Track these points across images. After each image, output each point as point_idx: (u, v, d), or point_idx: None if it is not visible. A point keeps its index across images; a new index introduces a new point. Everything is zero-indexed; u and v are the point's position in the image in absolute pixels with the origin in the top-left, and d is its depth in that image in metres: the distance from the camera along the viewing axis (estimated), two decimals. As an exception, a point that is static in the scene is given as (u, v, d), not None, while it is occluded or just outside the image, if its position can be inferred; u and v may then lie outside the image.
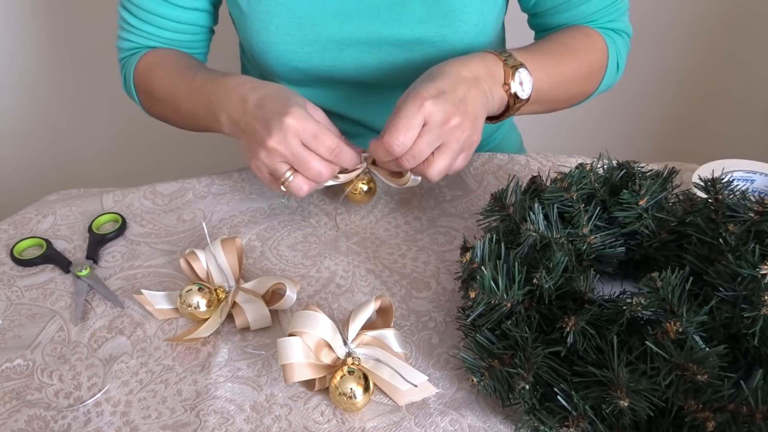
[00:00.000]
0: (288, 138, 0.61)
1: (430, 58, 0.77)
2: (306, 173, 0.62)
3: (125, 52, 0.83)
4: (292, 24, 0.75)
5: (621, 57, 0.81)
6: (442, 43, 0.76)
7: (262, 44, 0.77)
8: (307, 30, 0.75)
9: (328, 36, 0.76)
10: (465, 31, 0.76)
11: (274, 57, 0.77)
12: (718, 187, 0.56)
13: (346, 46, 0.77)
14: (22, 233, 0.70)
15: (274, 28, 0.75)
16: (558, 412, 0.46)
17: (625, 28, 0.81)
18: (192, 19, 0.80)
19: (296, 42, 0.76)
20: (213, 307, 0.58)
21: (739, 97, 1.58)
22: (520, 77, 0.67)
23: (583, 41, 0.77)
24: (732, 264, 0.48)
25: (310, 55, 0.77)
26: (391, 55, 0.77)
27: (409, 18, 0.75)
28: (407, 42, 0.76)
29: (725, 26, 1.49)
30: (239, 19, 0.78)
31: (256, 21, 0.75)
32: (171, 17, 0.79)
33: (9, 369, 0.55)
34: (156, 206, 0.74)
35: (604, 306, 0.49)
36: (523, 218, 0.57)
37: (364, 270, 0.65)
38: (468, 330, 0.55)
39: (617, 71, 0.81)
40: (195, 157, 1.52)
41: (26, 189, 1.51)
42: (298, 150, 0.61)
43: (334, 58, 0.77)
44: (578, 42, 0.77)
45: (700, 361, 0.43)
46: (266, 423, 0.50)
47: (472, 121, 0.63)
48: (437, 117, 0.60)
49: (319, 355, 0.51)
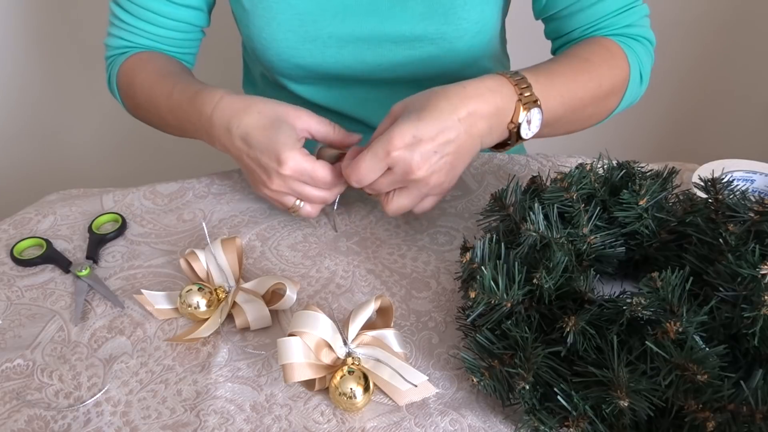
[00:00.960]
0: (288, 182, 0.63)
1: (430, 56, 0.77)
2: (312, 201, 0.65)
3: (113, 50, 0.82)
4: (293, 21, 0.75)
5: (644, 67, 0.76)
6: (442, 41, 0.76)
7: (263, 41, 0.77)
8: (309, 27, 0.75)
9: (329, 33, 0.76)
10: (465, 29, 0.76)
11: (275, 54, 0.78)
12: (718, 187, 0.56)
13: (346, 43, 0.77)
14: (22, 233, 0.70)
15: (276, 24, 0.75)
16: (558, 412, 0.46)
17: (646, 35, 0.77)
18: (187, 17, 0.80)
19: (297, 39, 0.76)
20: (213, 307, 0.58)
21: (739, 97, 1.58)
22: (531, 116, 0.63)
23: (603, 55, 0.72)
24: (732, 264, 0.48)
25: (311, 52, 0.77)
26: (391, 53, 0.77)
27: (410, 15, 0.75)
28: (408, 39, 0.76)
29: (725, 26, 1.49)
30: (241, 16, 0.78)
31: (258, 18, 0.76)
32: (166, 14, 0.78)
33: (9, 369, 0.55)
34: (156, 206, 0.74)
35: (604, 306, 0.49)
36: (523, 218, 0.57)
37: (364, 270, 0.65)
38: (468, 330, 0.55)
39: (641, 83, 0.76)
40: (195, 157, 1.52)
41: (26, 189, 1.51)
42: (300, 187, 0.63)
43: (334, 55, 0.78)
44: (598, 56, 0.72)
45: (700, 361, 0.43)
46: (266, 423, 0.50)
47: (447, 170, 0.60)
48: (402, 167, 0.58)
49: (319, 355, 0.51)
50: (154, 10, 0.78)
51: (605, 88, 0.71)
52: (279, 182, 0.63)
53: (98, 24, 1.37)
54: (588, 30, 0.76)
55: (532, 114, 0.63)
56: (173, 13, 0.79)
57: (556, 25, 0.78)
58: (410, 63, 0.78)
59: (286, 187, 0.63)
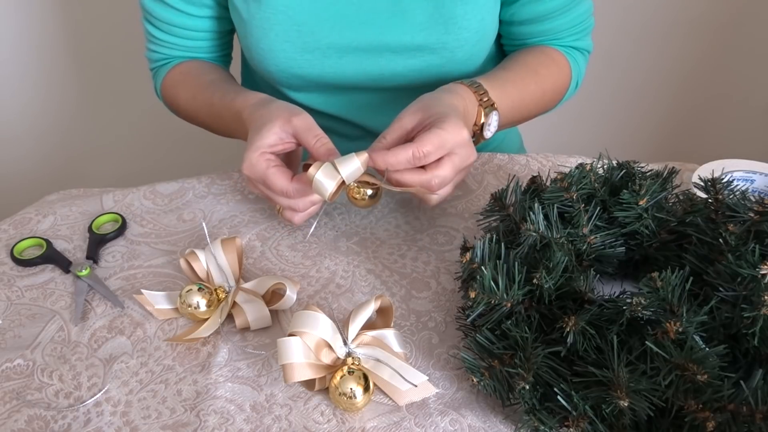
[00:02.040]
0: (251, 183, 0.65)
1: (430, 65, 0.77)
2: (288, 207, 0.64)
3: (154, 63, 0.87)
4: (291, 31, 0.75)
5: (580, 75, 0.86)
6: (443, 50, 0.76)
7: (262, 51, 0.77)
8: (307, 37, 0.75)
9: (328, 43, 0.76)
10: (466, 38, 0.76)
11: (273, 64, 0.78)
12: (718, 187, 0.56)
13: (346, 53, 0.77)
14: (22, 233, 0.70)
15: (274, 35, 0.75)
16: (558, 412, 0.46)
17: (588, 47, 0.86)
18: (208, 26, 0.83)
19: (296, 49, 0.76)
20: (213, 307, 0.58)
21: (740, 97, 1.58)
22: (490, 119, 0.70)
23: (550, 67, 0.81)
24: (732, 264, 0.48)
25: (310, 62, 0.77)
26: (391, 62, 0.77)
27: (410, 25, 0.75)
28: (408, 49, 0.76)
29: (725, 27, 1.49)
30: (240, 26, 0.78)
31: (256, 28, 0.75)
32: (190, 27, 0.82)
33: (9, 369, 0.55)
34: (156, 206, 0.74)
35: (604, 306, 0.49)
36: (523, 218, 0.57)
37: (364, 270, 0.65)
38: (468, 330, 0.55)
39: (575, 88, 0.87)
40: (195, 157, 1.52)
41: (26, 189, 1.51)
42: (264, 192, 0.65)
43: (334, 65, 0.77)
44: (545, 68, 0.80)
45: (700, 361, 0.43)
46: (266, 423, 0.50)
47: None
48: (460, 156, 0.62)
49: (319, 355, 0.51)
50: (178, 25, 0.81)
51: (548, 96, 0.82)
52: (246, 181, 0.64)
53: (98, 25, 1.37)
54: (543, 41, 0.83)
55: (492, 117, 0.70)
56: (196, 26, 0.82)
57: (515, 30, 0.83)
58: (411, 72, 0.78)
59: (253, 187, 0.65)
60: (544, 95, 0.81)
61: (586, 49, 0.86)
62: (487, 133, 0.71)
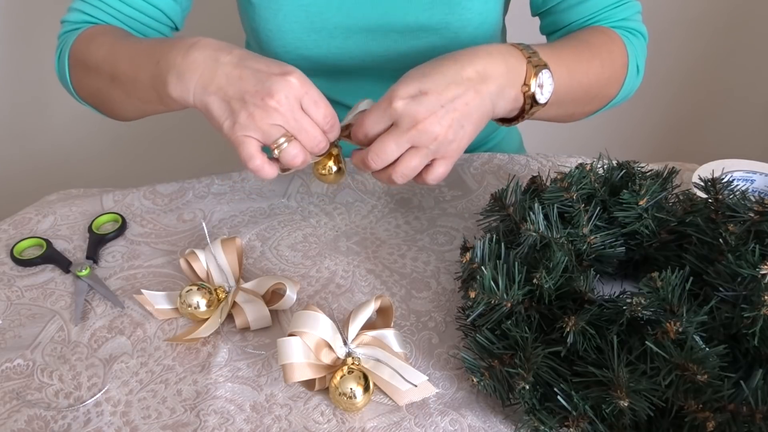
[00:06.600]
0: (290, 99, 0.56)
1: (435, 46, 0.78)
2: (304, 139, 0.58)
3: (71, 25, 0.77)
4: (299, 11, 0.75)
5: (640, 59, 0.76)
6: (445, 31, 0.76)
7: (269, 32, 0.77)
8: (315, 17, 0.76)
9: (335, 23, 0.76)
10: (468, 19, 0.76)
11: (281, 45, 0.78)
12: (718, 187, 0.56)
13: (352, 34, 0.77)
14: (22, 233, 0.70)
15: (282, 15, 0.76)
16: (558, 412, 0.46)
17: (640, 29, 0.77)
18: (161, 2, 0.75)
19: (303, 29, 0.76)
20: (213, 307, 0.58)
21: (739, 97, 1.58)
22: (542, 79, 0.61)
23: (603, 39, 0.73)
24: (732, 264, 0.48)
25: (317, 43, 0.77)
26: (396, 43, 0.78)
27: (415, 5, 0.75)
28: (412, 29, 0.77)
29: (725, 26, 1.49)
30: (247, 8, 0.78)
31: (265, 9, 0.76)
32: None
33: (9, 369, 0.55)
34: (156, 206, 0.74)
35: (604, 306, 0.49)
36: (523, 218, 0.57)
37: (364, 270, 0.65)
38: (468, 330, 0.55)
39: (637, 74, 0.77)
40: (195, 157, 1.52)
41: (26, 189, 1.51)
42: (299, 113, 0.57)
43: (340, 46, 0.78)
44: (598, 39, 0.73)
45: (700, 361, 0.43)
46: (266, 423, 0.50)
47: (456, 128, 0.57)
48: (406, 120, 0.56)
49: (319, 355, 0.51)
50: None
51: (607, 70, 0.72)
52: (280, 97, 0.55)
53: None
54: (585, 23, 0.76)
55: (543, 77, 0.61)
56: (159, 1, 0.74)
57: (553, 20, 0.79)
58: (415, 53, 0.78)
59: (286, 107, 0.56)
60: (603, 67, 0.71)
61: (639, 31, 0.77)
62: (540, 96, 0.61)
